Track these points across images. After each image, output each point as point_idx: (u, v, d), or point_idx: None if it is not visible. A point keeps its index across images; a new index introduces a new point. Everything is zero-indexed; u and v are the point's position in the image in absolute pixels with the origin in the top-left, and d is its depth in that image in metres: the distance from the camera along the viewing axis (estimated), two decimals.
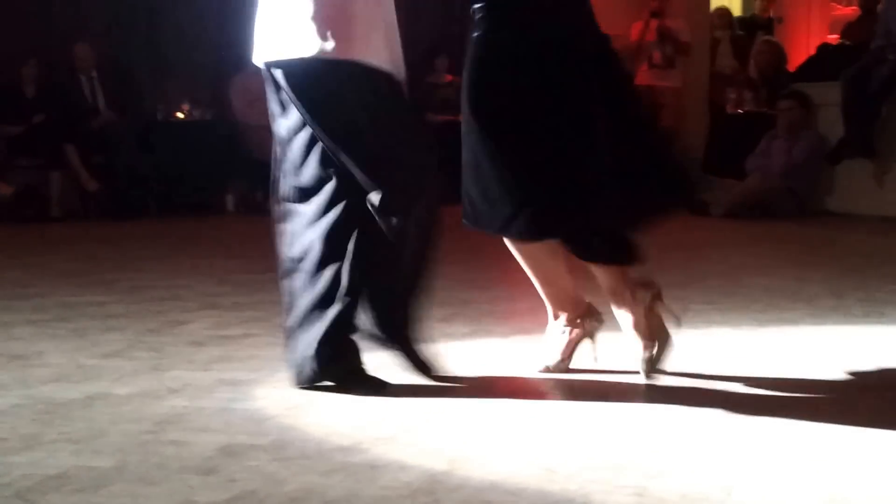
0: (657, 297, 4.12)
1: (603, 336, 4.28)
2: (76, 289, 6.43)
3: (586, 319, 4.27)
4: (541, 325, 4.45)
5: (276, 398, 3.88)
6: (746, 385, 4.06)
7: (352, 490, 2.88)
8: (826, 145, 11.00)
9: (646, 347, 4.10)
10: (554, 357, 4.26)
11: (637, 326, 4.11)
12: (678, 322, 4.20)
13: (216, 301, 5.98)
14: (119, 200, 11.93)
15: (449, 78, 13.23)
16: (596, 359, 4.26)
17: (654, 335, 4.10)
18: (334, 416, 3.64)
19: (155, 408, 3.75)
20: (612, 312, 4.18)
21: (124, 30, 13.16)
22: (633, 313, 4.11)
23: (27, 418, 3.62)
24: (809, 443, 3.31)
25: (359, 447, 3.27)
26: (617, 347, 4.26)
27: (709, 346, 4.76)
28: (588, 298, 4.33)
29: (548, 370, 4.24)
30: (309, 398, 3.86)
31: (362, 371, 4.00)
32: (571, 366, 4.26)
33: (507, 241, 4.17)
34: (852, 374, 4.24)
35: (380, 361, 4.06)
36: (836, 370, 4.29)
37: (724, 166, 11.51)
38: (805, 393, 3.97)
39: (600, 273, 4.16)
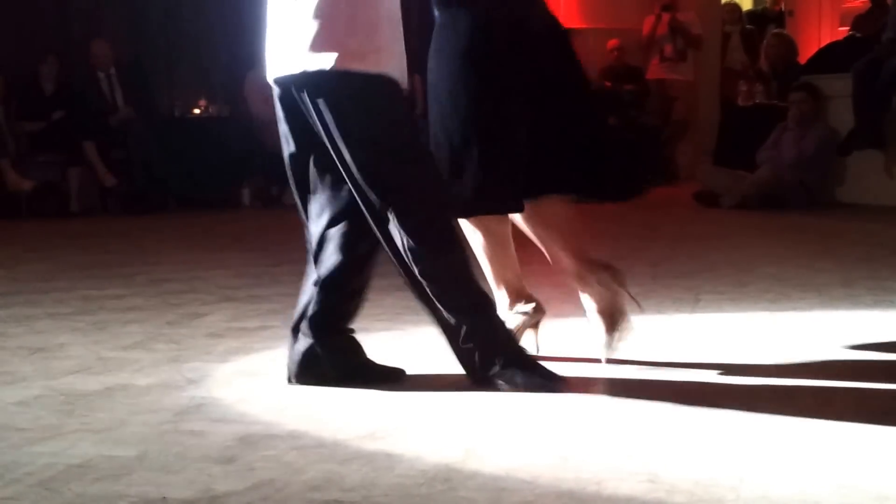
0: (618, 279, 4.23)
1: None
2: (96, 282, 6.48)
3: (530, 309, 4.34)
4: (557, 314, 4.50)
5: (293, 388, 3.92)
6: (757, 373, 4.07)
7: (369, 478, 2.91)
8: (837, 137, 11.00)
9: (607, 331, 4.21)
10: None
11: (601, 311, 4.23)
12: (639, 306, 4.32)
13: (233, 294, 6.02)
14: (137, 196, 11.99)
15: None
16: (538, 349, 4.31)
17: (615, 318, 4.22)
18: (350, 406, 3.68)
19: (174, 398, 3.79)
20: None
21: (141, 27, 13.21)
22: (596, 297, 4.22)
23: (49, 409, 3.67)
24: (820, 430, 3.33)
25: (375, 436, 3.31)
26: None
27: (720, 335, 4.79)
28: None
29: None
30: (325, 389, 3.89)
31: (371, 363, 4.06)
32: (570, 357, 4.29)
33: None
34: (863, 361, 4.26)
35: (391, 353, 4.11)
36: (846, 358, 4.32)
37: (735, 158, 11.52)
38: (815, 381, 3.98)
39: (566, 257, 4.25)
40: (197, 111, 13.00)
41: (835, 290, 5.83)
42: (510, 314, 4.29)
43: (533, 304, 4.33)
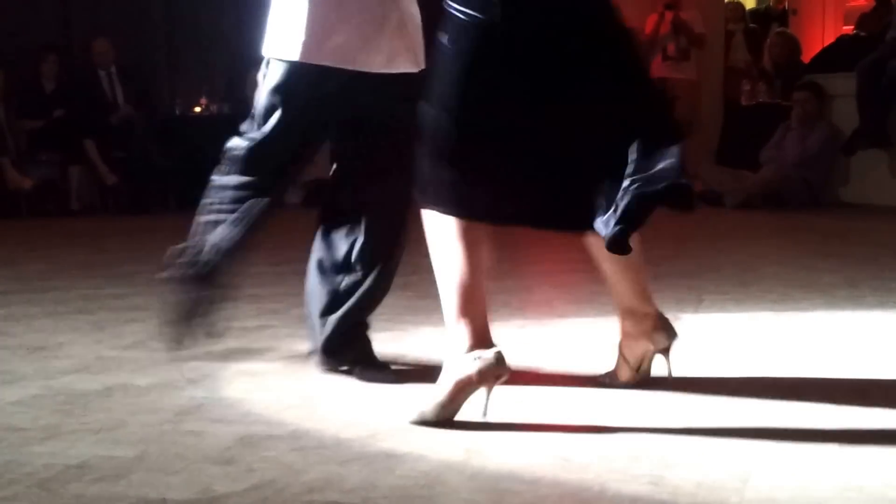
0: (663, 351, 3.78)
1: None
2: (96, 281, 6.46)
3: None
4: (560, 315, 4.47)
5: (294, 389, 3.91)
6: (761, 373, 4.07)
7: (369, 479, 2.90)
8: (841, 136, 10.99)
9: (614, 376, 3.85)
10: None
11: (626, 356, 3.82)
12: (670, 376, 3.81)
13: (233, 294, 5.99)
14: (137, 194, 11.99)
15: None
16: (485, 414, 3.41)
17: (633, 367, 3.81)
18: (351, 407, 3.66)
19: (174, 398, 3.78)
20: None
21: (142, 25, 13.22)
22: (629, 341, 3.80)
23: (48, 409, 3.65)
24: (824, 430, 3.33)
25: (376, 437, 3.29)
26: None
27: (724, 335, 4.77)
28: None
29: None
30: (325, 389, 3.89)
31: (376, 360, 4.04)
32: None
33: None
34: (867, 361, 4.24)
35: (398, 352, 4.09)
36: (850, 358, 4.31)
37: (738, 157, 11.51)
38: (820, 381, 3.97)
39: (622, 290, 3.72)
40: (198, 109, 13.00)
41: (839, 290, 5.82)
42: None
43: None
